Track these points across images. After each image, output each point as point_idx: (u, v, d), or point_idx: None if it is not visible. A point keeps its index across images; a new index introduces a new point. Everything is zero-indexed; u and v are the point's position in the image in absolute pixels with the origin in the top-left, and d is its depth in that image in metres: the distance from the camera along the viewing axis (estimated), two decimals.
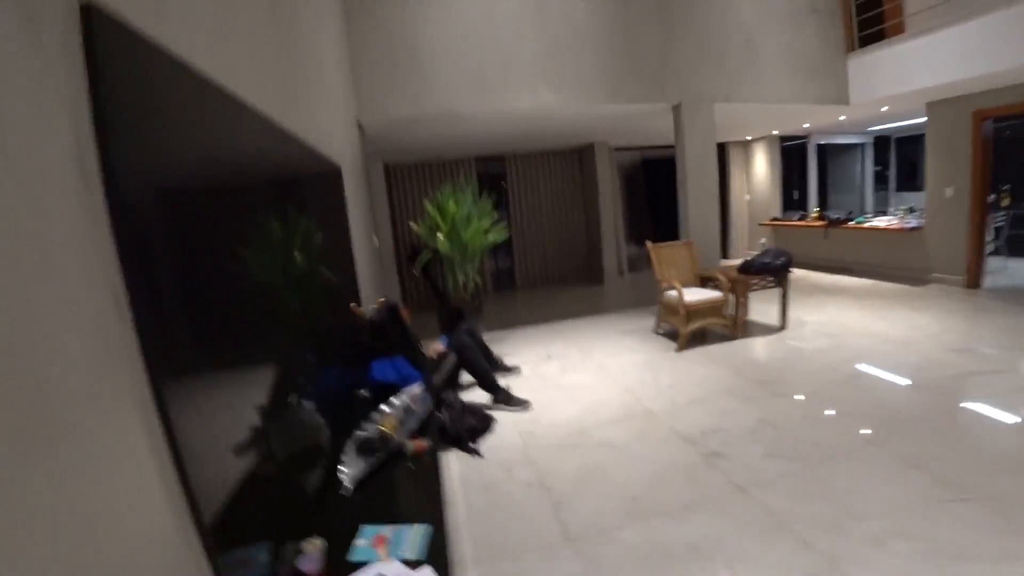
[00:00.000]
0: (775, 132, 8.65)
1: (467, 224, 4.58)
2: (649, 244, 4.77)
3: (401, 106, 4.54)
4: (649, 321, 5.13)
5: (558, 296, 7.65)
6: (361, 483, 1.81)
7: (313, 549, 1.23)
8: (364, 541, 1.37)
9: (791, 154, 9.30)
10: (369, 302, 3.55)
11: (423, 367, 3.26)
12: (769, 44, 5.39)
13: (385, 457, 2.00)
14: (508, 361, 4.41)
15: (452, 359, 3.71)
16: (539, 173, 8.50)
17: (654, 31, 4.99)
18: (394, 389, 2.73)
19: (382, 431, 2.20)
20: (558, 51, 4.77)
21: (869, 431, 2.70)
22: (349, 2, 4.31)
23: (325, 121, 3.01)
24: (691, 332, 4.31)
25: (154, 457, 0.82)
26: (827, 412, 2.99)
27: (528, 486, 2.55)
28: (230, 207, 1.39)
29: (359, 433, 2.17)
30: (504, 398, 3.58)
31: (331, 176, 3.00)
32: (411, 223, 4.86)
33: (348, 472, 1.86)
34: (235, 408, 1.26)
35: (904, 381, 3.34)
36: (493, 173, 8.57)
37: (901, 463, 2.36)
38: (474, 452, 3.03)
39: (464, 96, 4.62)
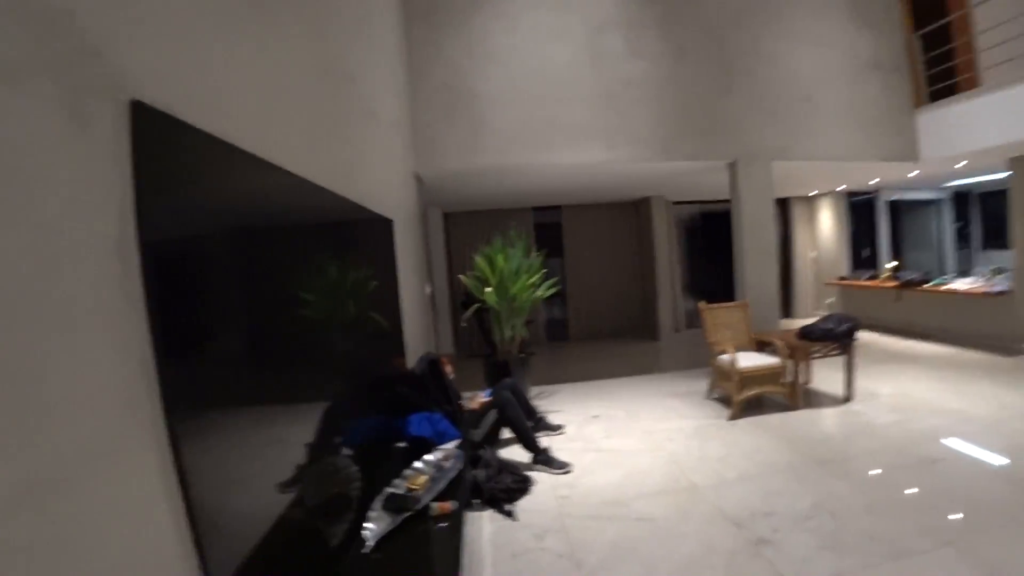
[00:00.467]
0: (841, 188, 8.31)
1: (515, 278, 4.62)
2: (702, 305, 4.62)
3: (456, 159, 4.74)
4: (703, 384, 4.91)
5: (610, 352, 7.49)
6: (382, 541, 1.80)
7: None
8: None
9: (860, 210, 8.88)
10: (415, 351, 3.60)
11: (461, 424, 3.24)
12: (829, 100, 5.27)
13: (409, 516, 1.98)
14: (552, 419, 4.32)
15: (493, 415, 3.67)
16: (595, 225, 8.52)
17: (710, 88, 5.02)
18: (429, 445, 2.73)
19: (411, 488, 2.19)
20: (612, 108, 4.86)
21: (945, 528, 2.41)
22: (412, 59, 4.59)
23: (379, 180, 3.16)
24: (745, 400, 4.08)
25: (170, 510, 0.87)
26: (895, 500, 2.71)
27: (559, 557, 2.44)
28: (275, 265, 1.51)
29: (388, 488, 2.17)
30: (544, 459, 3.48)
31: (382, 229, 3.13)
32: (460, 276, 4.95)
33: (373, 528, 1.85)
34: (271, 453, 1.31)
35: (990, 469, 2.99)
36: (549, 223, 8.67)
37: (984, 571, 2.08)
38: (508, 514, 2.94)
39: (517, 150, 4.76)
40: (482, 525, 2.86)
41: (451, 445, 2.81)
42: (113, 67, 0.82)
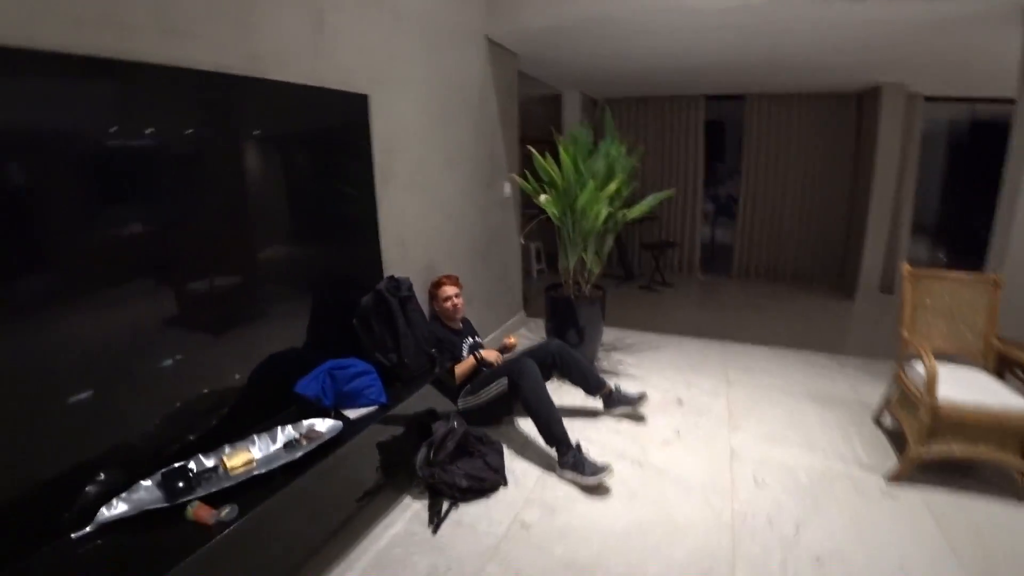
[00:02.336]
0: None
1: (583, 184, 3.14)
2: (906, 268, 2.66)
3: (534, 12, 3.33)
4: (877, 394, 3.05)
5: (774, 303, 5.56)
6: (112, 528, 1.28)
7: None
8: None
9: None
10: (396, 266, 2.66)
11: (417, 380, 2.27)
12: None
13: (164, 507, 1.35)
14: (631, 385, 3.00)
15: (501, 384, 2.58)
16: (790, 123, 6.14)
17: None
18: (319, 411, 1.94)
19: (223, 467, 1.52)
20: None
21: None
22: None
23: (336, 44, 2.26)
24: (932, 459, 2.25)
25: None
26: None
27: None
28: None
29: (191, 460, 1.53)
30: (572, 461, 2.30)
31: (331, 105, 2.26)
32: (513, 175, 3.62)
33: (109, 511, 1.31)
34: None
35: None
36: (722, 120, 6.62)
37: None
38: (435, 522, 2.01)
39: None
40: (390, 523, 1.98)
41: (357, 413, 1.94)
42: None
